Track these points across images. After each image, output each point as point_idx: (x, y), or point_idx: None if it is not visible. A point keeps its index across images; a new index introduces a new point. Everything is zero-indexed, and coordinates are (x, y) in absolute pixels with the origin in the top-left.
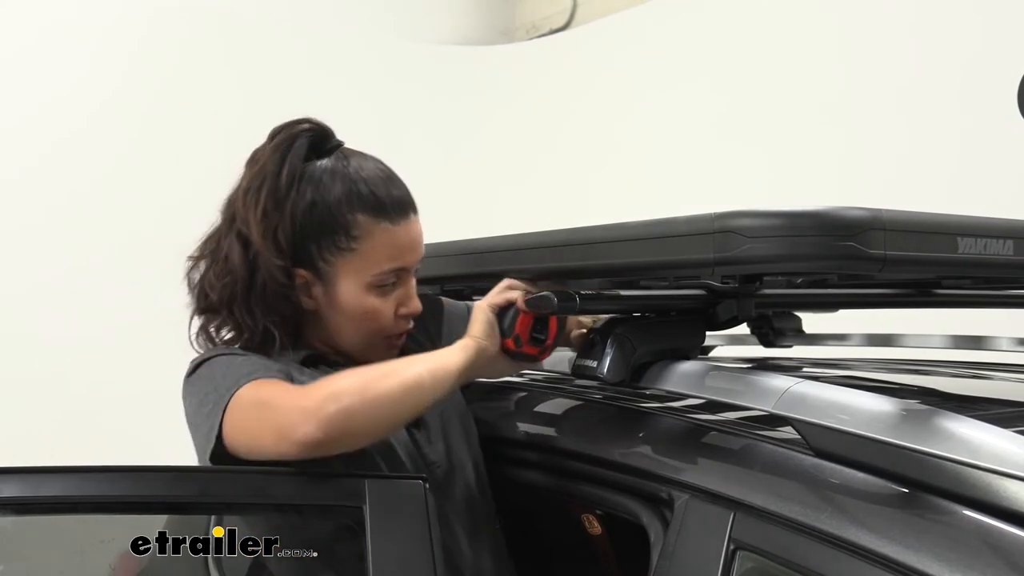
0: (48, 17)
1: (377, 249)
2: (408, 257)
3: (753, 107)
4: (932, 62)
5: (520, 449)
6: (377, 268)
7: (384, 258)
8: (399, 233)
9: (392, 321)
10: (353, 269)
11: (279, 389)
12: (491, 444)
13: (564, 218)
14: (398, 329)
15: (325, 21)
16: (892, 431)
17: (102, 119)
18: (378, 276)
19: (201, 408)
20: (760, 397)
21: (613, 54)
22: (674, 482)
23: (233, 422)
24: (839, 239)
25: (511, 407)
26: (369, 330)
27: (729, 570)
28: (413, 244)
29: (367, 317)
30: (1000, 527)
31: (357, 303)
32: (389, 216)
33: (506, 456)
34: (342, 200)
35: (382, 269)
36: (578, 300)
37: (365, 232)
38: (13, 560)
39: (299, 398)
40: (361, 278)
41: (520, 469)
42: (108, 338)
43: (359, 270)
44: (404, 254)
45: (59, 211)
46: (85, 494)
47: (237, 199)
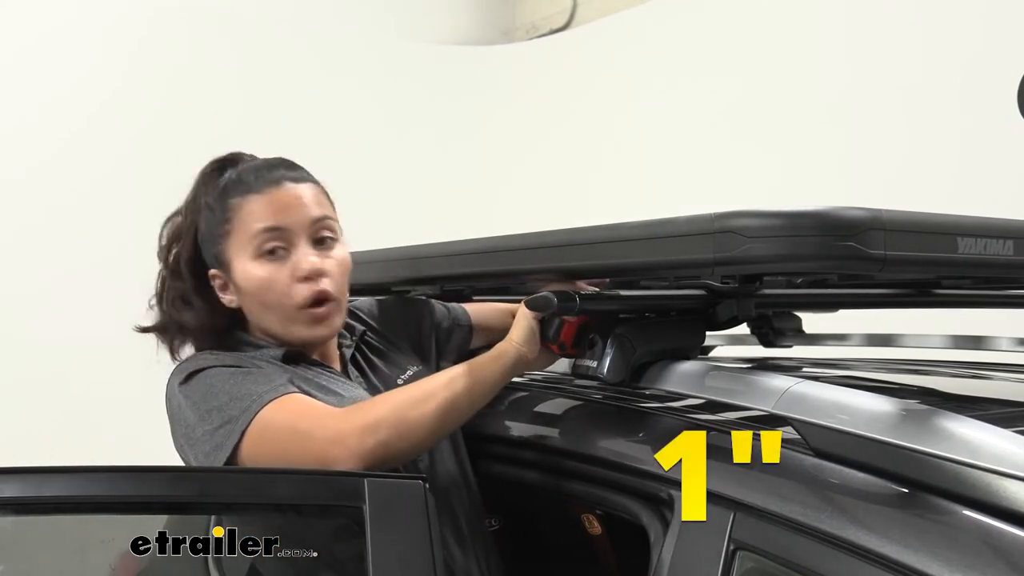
0: (48, 16)
1: (246, 218)
2: (280, 217)
3: (753, 107)
4: (932, 62)
5: (520, 449)
6: (250, 235)
7: (253, 223)
8: (266, 198)
9: (290, 288)
10: (236, 248)
11: (308, 412)
12: (491, 444)
13: (564, 218)
14: (302, 295)
15: (325, 21)
16: (892, 431)
17: (102, 119)
18: (255, 243)
19: (203, 423)
20: (760, 397)
21: (613, 54)
22: (674, 482)
23: (259, 446)
24: (839, 239)
25: (511, 407)
26: (274, 303)
27: (729, 570)
28: (284, 205)
29: (262, 289)
30: (1000, 527)
31: (248, 278)
32: (254, 188)
33: (506, 456)
34: (218, 196)
35: (253, 233)
36: (578, 300)
37: (235, 210)
38: (13, 560)
39: (335, 428)
40: (245, 253)
41: (520, 469)
42: (108, 338)
43: (240, 247)
44: (274, 214)
45: (59, 211)
46: (85, 494)
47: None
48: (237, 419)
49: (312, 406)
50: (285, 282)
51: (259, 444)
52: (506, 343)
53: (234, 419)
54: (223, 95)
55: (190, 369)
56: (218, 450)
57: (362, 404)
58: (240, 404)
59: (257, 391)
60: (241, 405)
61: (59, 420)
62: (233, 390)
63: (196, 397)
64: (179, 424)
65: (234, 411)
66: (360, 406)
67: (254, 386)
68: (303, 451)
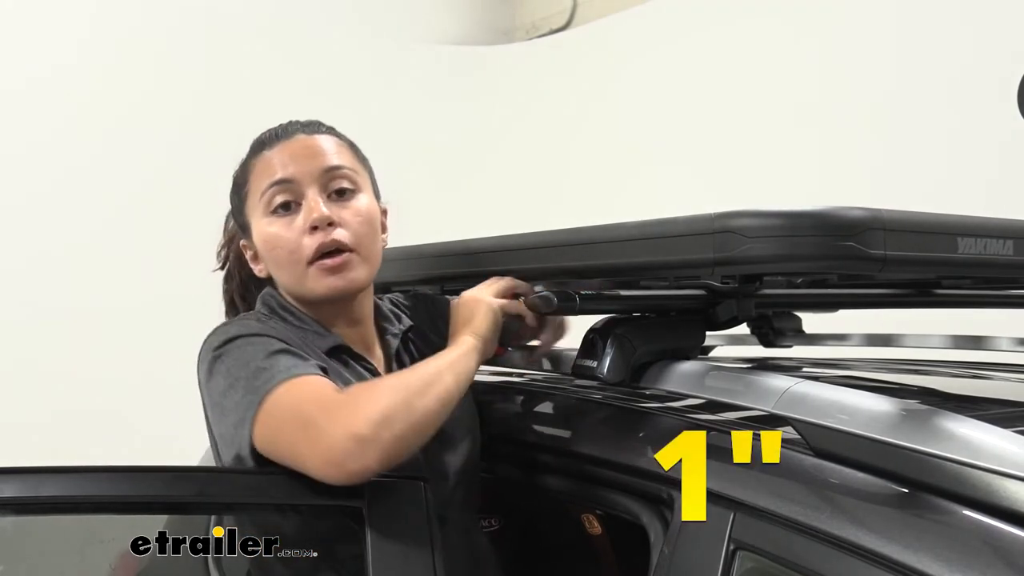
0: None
1: (259, 176)
2: (289, 168)
3: (753, 107)
4: (932, 62)
5: (520, 449)
6: (259, 192)
7: (263, 180)
8: (276, 152)
9: (300, 240)
10: (252, 208)
11: (321, 397)
12: (491, 444)
13: (564, 218)
14: (310, 247)
15: (325, 21)
16: (892, 431)
17: (102, 120)
18: (265, 199)
19: (231, 392)
20: (760, 397)
21: (613, 54)
22: (674, 482)
23: (270, 427)
24: (839, 239)
25: (511, 407)
26: (285, 260)
27: (729, 570)
28: (292, 156)
29: (273, 245)
30: (1000, 527)
31: (260, 237)
32: (267, 145)
33: (506, 456)
34: (242, 163)
35: (263, 190)
36: (578, 300)
37: (250, 169)
38: (13, 560)
39: (347, 420)
40: (258, 212)
41: (520, 469)
42: (109, 338)
43: (255, 206)
44: (283, 166)
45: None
46: (85, 494)
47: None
48: (257, 390)
49: (325, 392)
50: (294, 237)
51: (269, 425)
52: (473, 337)
53: (254, 390)
54: (223, 95)
55: (230, 334)
56: (241, 424)
57: (368, 390)
58: (262, 373)
59: (282, 365)
60: (263, 375)
61: (59, 420)
62: (263, 357)
63: (227, 363)
64: (210, 391)
65: (255, 382)
66: (365, 392)
67: (280, 358)
68: (314, 443)
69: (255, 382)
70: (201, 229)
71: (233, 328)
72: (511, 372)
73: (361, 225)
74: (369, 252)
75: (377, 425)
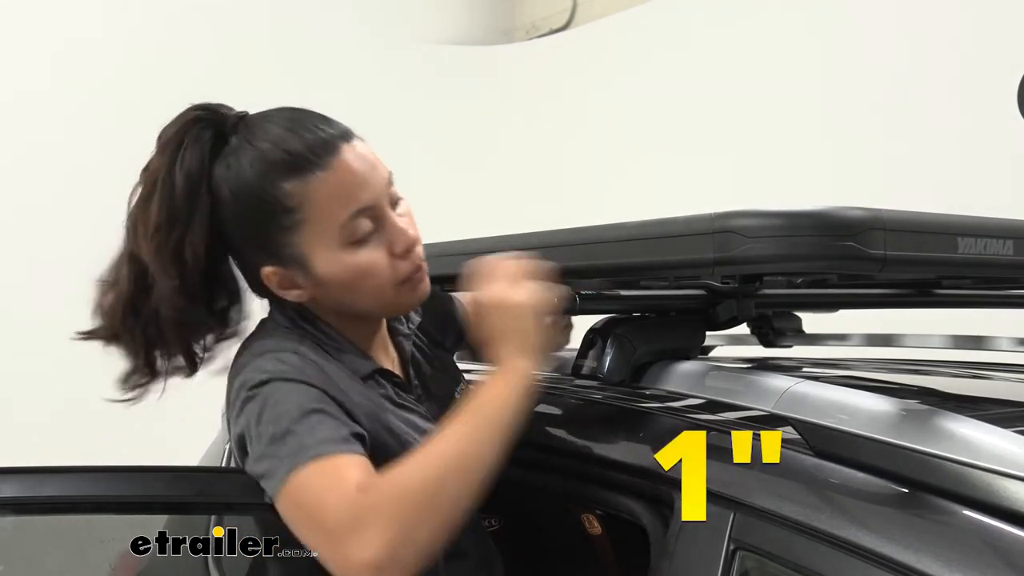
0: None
1: (324, 206)
2: (365, 193)
3: (753, 107)
4: (932, 62)
5: (520, 449)
6: (337, 224)
7: (338, 209)
8: (337, 175)
9: (393, 265)
10: (315, 239)
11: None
12: None
13: (564, 217)
14: (407, 270)
15: (325, 21)
16: (892, 431)
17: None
18: (345, 231)
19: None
20: (760, 397)
21: (613, 54)
22: (674, 482)
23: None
24: (839, 239)
25: None
26: (374, 287)
27: (729, 570)
28: (362, 177)
29: (364, 276)
30: (1000, 527)
31: (343, 269)
32: (314, 164)
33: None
34: (258, 178)
35: (342, 222)
36: (578, 300)
37: (300, 197)
38: (13, 560)
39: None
40: (330, 243)
41: (520, 469)
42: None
43: (322, 236)
44: (357, 192)
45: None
46: (85, 494)
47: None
48: (282, 462)
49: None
50: (387, 263)
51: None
52: (524, 359)
53: (280, 460)
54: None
55: (266, 374)
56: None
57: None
58: (289, 444)
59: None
60: (291, 445)
61: (59, 420)
62: (294, 424)
63: (260, 410)
64: (237, 428)
65: (283, 449)
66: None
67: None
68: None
69: (282, 448)
70: None
71: (269, 364)
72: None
73: (417, 231)
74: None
75: (399, 546)
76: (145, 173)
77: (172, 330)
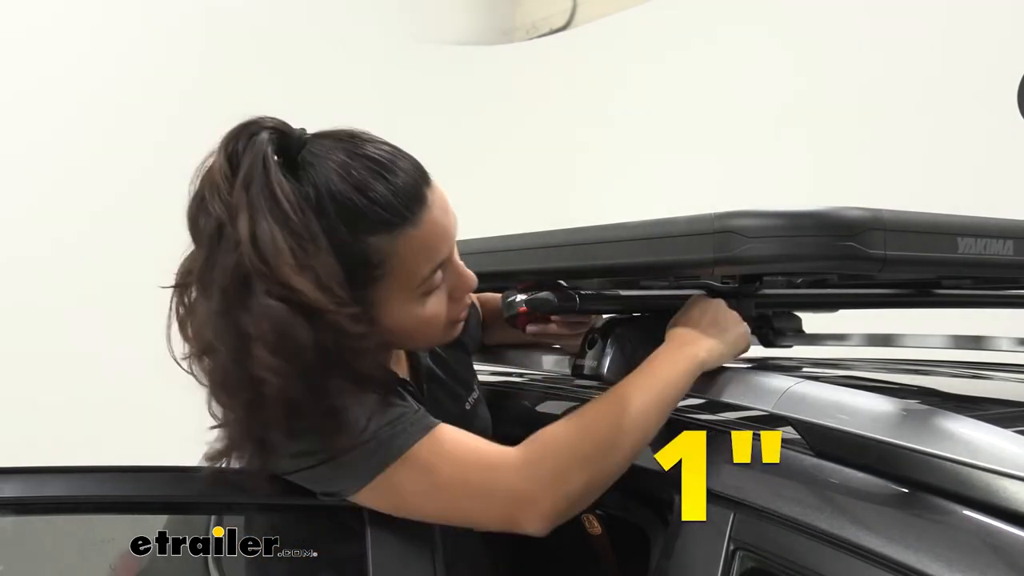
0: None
1: (408, 261)
2: (446, 246)
3: (753, 106)
4: (932, 62)
5: None
6: (418, 279)
7: (421, 264)
8: (424, 229)
9: (450, 311)
10: (393, 293)
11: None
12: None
13: (563, 218)
14: (459, 312)
15: (325, 22)
16: (892, 431)
17: (103, 120)
18: (424, 287)
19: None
20: (760, 397)
21: (613, 54)
22: (674, 482)
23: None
24: (839, 239)
25: (510, 407)
26: (432, 330)
27: (729, 570)
28: (443, 230)
29: (428, 324)
30: (1000, 527)
31: (412, 318)
32: (404, 219)
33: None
34: (345, 227)
35: (423, 277)
36: (578, 300)
37: (387, 253)
38: (13, 560)
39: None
40: (405, 296)
41: None
42: (109, 338)
43: (400, 290)
44: (439, 246)
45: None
46: (85, 494)
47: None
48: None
49: (476, 450)
50: (446, 308)
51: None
52: (706, 353)
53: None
54: (222, 95)
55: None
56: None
57: (545, 443)
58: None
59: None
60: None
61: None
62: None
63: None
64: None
65: (383, 434)
66: (544, 447)
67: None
68: (482, 510)
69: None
70: None
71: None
72: (511, 372)
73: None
74: None
75: (554, 491)
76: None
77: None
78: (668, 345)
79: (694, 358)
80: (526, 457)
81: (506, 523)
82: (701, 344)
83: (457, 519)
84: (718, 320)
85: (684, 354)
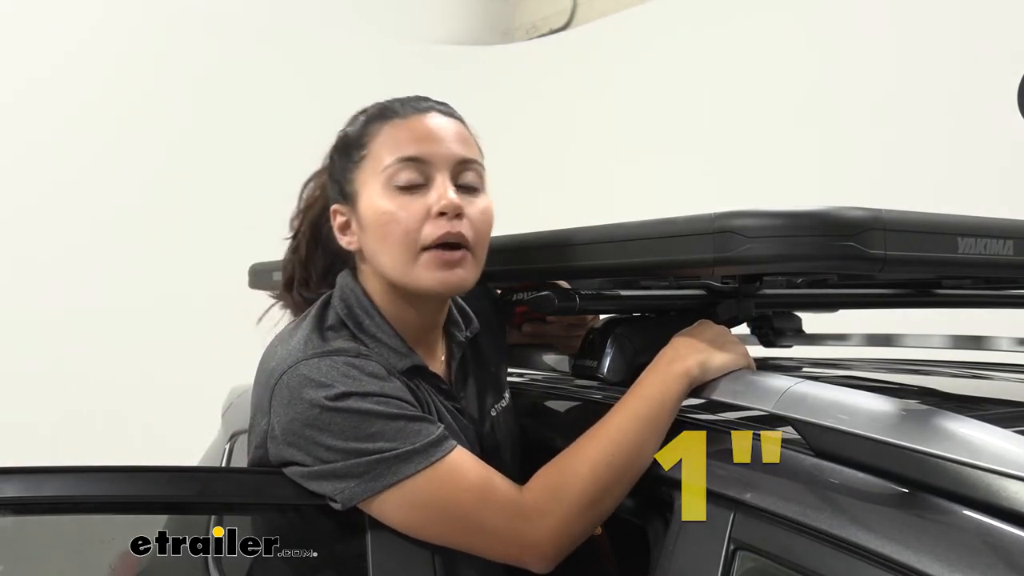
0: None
1: (383, 144)
2: (421, 146)
3: (753, 106)
4: (932, 62)
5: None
6: (384, 163)
7: (390, 150)
8: (408, 124)
9: (418, 224)
10: (366, 176)
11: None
12: None
13: (563, 218)
14: (434, 234)
15: (325, 21)
16: (892, 431)
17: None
18: (388, 172)
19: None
20: (760, 397)
21: (613, 54)
22: (674, 482)
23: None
24: (839, 239)
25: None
26: (398, 240)
27: (729, 570)
28: (428, 134)
29: (388, 221)
30: (1000, 527)
31: (376, 212)
32: (399, 113)
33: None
34: (359, 125)
35: (387, 162)
36: (578, 300)
37: (373, 134)
38: (13, 560)
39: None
40: (375, 183)
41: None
42: (110, 338)
43: (371, 175)
44: (414, 142)
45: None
46: (85, 494)
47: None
48: (391, 465)
49: (485, 483)
50: (416, 217)
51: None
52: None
53: (387, 463)
54: (221, 96)
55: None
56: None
57: (554, 492)
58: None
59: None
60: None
61: (59, 420)
62: (386, 429)
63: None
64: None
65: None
66: (552, 496)
67: (410, 426)
68: (487, 547)
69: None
70: (202, 229)
71: (338, 379)
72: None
73: (483, 225)
74: (482, 255)
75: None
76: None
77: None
78: (659, 361)
79: (686, 374)
80: (535, 506)
81: (509, 561)
82: (694, 358)
83: (459, 547)
84: (717, 339)
85: (673, 371)
